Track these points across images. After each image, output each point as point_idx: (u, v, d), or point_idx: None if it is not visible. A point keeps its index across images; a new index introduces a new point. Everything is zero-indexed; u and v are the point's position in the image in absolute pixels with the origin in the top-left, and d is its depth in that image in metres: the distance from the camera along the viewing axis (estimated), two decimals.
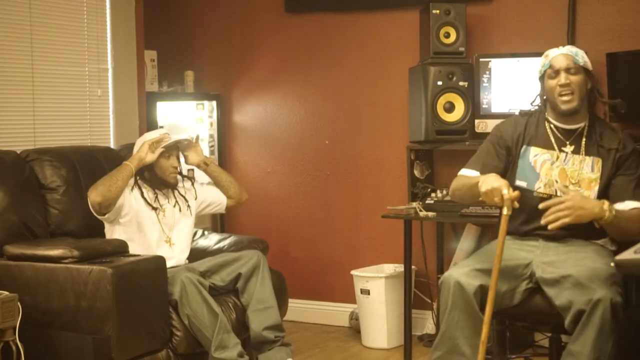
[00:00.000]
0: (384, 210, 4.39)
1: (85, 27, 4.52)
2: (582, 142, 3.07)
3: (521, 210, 2.95)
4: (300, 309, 5.03)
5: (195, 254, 3.99)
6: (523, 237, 3.10)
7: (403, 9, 4.73)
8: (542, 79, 3.14)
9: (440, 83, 4.24)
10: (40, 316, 3.38)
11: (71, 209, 3.87)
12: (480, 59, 4.30)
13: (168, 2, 5.47)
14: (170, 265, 3.68)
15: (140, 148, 3.81)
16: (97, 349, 3.27)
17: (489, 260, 2.89)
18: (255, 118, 5.29)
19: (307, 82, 5.10)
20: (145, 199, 3.79)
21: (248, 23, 5.26)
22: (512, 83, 4.25)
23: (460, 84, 4.24)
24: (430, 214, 4.13)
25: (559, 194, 3.02)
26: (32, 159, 3.87)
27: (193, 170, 5.14)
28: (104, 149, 4.32)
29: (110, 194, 3.63)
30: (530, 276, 2.97)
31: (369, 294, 4.51)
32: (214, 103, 5.30)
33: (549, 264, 2.93)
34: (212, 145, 5.32)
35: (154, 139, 3.83)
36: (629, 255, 2.50)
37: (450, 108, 4.27)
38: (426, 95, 4.25)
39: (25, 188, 3.76)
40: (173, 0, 5.48)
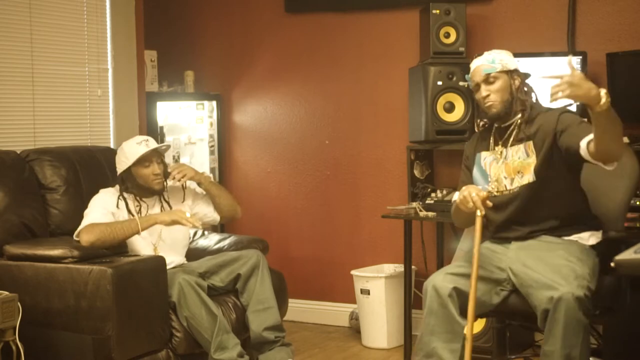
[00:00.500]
0: (384, 210, 4.39)
1: (85, 27, 4.52)
2: (513, 134, 3.15)
3: (488, 213, 3.10)
4: (300, 309, 5.03)
5: (195, 254, 3.99)
6: (496, 241, 3.20)
7: (403, 9, 4.73)
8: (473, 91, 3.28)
9: (440, 83, 4.24)
10: (40, 316, 3.38)
11: (71, 209, 3.87)
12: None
13: (168, 2, 5.47)
14: None
15: (161, 216, 3.63)
16: (97, 349, 3.27)
17: (465, 264, 3.05)
18: (255, 118, 5.29)
19: (307, 82, 5.10)
20: (129, 210, 3.76)
21: (248, 23, 5.26)
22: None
23: (460, 84, 4.24)
24: (430, 214, 4.14)
25: (509, 187, 3.11)
26: (32, 159, 3.87)
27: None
28: (104, 149, 4.32)
29: (107, 241, 3.52)
30: (507, 279, 3.05)
31: (369, 294, 4.51)
32: (214, 103, 5.30)
33: (521, 267, 2.98)
34: (212, 145, 5.32)
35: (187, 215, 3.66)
36: (629, 255, 2.50)
37: (450, 108, 4.27)
38: (426, 95, 4.25)
39: (25, 188, 3.76)
40: (173, 0, 5.48)
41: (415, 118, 4.37)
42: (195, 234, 4.22)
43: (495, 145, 3.21)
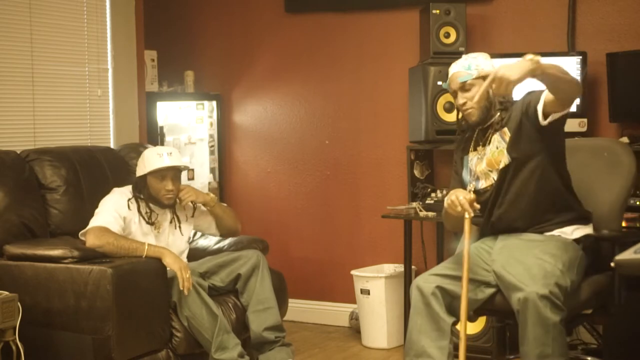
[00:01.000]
0: (384, 210, 4.39)
1: (85, 27, 4.52)
2: (492, 129, 3.15)
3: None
4: (300, 309, 5.03)
5: (195, 254, 3.98)
6: (485, 240, 3.23)
7: (403, 9, 4.73)
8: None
9: (440, 83, 4.23)
10: (40, 316, 3.38)
11: (71, 209, 3.87)
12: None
13: (168, 2, 5.47)
14: None
15: (168, 257, 3.52)
16: (97, 349, 3.27)
17: (451, 265, 3.12)
18: (255, 118, 5.29)
19: (307, 82, 5.10)
20: (141, 213, 3.76)
21: (248, 23, 5.26)
22: None
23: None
24: (430, 214, 4.14)
25: (495, 179, 3.12)
26: (32, 159, 3.87)
27: (193, 169, 5.14)
28: (104, 149, 4.32)
29: (108, 252, 3.49)
30: (493, 278, 3.07)
31: (369, 294, 4.51)
32: (214, 103, 5.30)
33: (500, 269, 2.99)
34: (212, 145, 5.32)
35: (187, 274, 3.53)
36: (628, 255, 2.50)
37: (450, 108, 4.26)
38: (426, 95, 4.25)
39: (25, 188, 3.76)
40: (173, 0, 5.48)
41: (415, 118, 4.37)
42: (195, 234, 4.22)
43: (477, 146, 3.21)
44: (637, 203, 3.74)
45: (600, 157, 3.28)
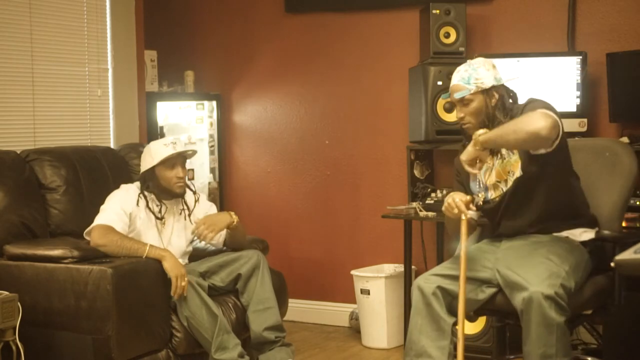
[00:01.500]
0: (384, 210, 4.39)
1: (85, 27, 4.52)
2: None
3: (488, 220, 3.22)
4: (300, 309, 5.03)
5: (195, 254, 3.97)
6: (489, 241, 3.25)
7: (403, 9, 4.73)
8: None
9: (440, 83, 4.24)
10: (40, 316, 3.38)
11: (71, 209, 3.86)
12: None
13: (168, 2, 5.47)
14: None
15: (169, 261, 3.50)
16: (97, 349, 3.27)
17: (451, 265, 3.11)
18: (255, 118, 5.29)
19: (307, 82, 5.10)
20: (150, 209, 3.77)
21: (248, 23, 5.26)
22: (512, 83, 4.23)
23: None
24: (430, 214, 4.14)
25: (504, 189, 3.13)
26: (32, 159, 3.87)
27: (193, 170, 5.14)
28: (104, 149, 4.32)
29: (109, 252, 3.49)
30: (494, 277, 3.06)
31: (369, 294, 4.51)
32: (214, 103, 5.30)
33: (505, 268, 2.99)
34: (212, 145, 5.32)
35: (183, 282, 3.51)
36: (629, 255, 2.50)
37: (450, 108, 4.26)
38: (426, 95, 4.25)
39: (25, 188, 3.76)
40: (173, 0, 5.48)
41: (415, 118, 4.37)
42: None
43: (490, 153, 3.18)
44: (637, 203, 3.74)
45: (601, 158, 3.28)
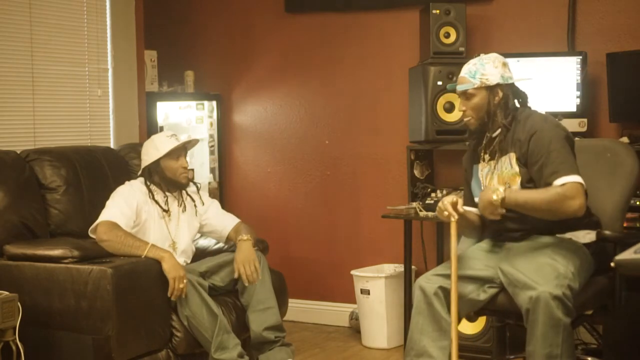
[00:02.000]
0: (384, 210, 4.39)
1: (85, 27, 4.52)
2: (499, 145, 3.13)
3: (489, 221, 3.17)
4: (300, 309, 5.03)
5: (195, 254, 3.98)
6: (491, 241, 3.25)
7: (403, 9, 4.73)
8: None
9: (440, 83, 4.24)
10: (40, 316, 3.37)
11: (71, 209, 3.86)
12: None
13: (168, 2, 5.47)
14: None
15: (168, 262, 3.49)
16: (97, 349, 3.27)
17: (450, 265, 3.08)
18: (255, 118, 5.29)
19: (307, 82, 5.10)
20: (156, 201, 3.78)
21: (248, 23, 5.26)
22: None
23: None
24: (430, 214, 4.14)
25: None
26: (32, 159, 3.87)
27: (193, 170, 5.14)
28: (104, 149, 4.32)
29: (111, 249, 3.51)
30: (496, 277, 3.06)
31: (369, 294, 4.51)
32: (214, 103, 5.30)
33: (509, 267, 2.99)
34: (212, 145, 5.32)
35: (181, 285, 3.50)
36: (629, 255, 2.50)
37: (450, 108, 4.27)
38: (426, 95, 4.25)
39: (25, 188, 3.76)
40: (173, 0, 5.48)
41: (415, 118, 4.37)
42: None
43: (485, 155, 3.19)
44: (637, 203, 3.74)
45: (603, 158, 3.28)
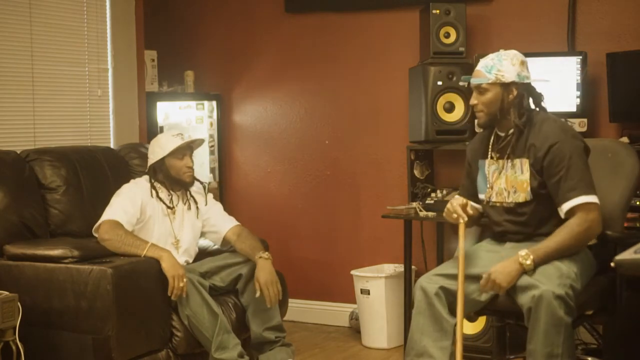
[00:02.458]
0: (384, 210, 4.39)
1: (85, 27, 4.52)
2: (511, 146, 3.11)
3: (490, 220, 3.20)
4: (300, 309, 5.03)
5: (197, 255, 3.98)
6: (493, 241, 3.26)
7: (403, 9, 4.73)
8: None
9: (440, 83, 4.24)
10: (40, 316, 3.37)
11: (71, 209, 3.86)
12: (480, 59, 4.29)
13: (168, 2, 5.47)
14: None
15: (167, 261, 3.49)
16: (97, 349, 3.27)
17: (453, 265, 3.08)
18: (255, 118, 5.29)
19: (307, 82, 5.10)
20: (161, 199, 3.79)
21: (248, 23, 5.26)
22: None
23: (460, 83, 4.24)
24: (430, 214, 4.14)
25: (507, 200, 3.12)
26: (32, 159, 3.87)
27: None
28: (104, 149, 4.32)
29: (111, 247, 3.52)
30: None
31: (369, 294, 4.51)
32: (214, 103, 5.30)
33: None
34: (212, 145, 5.32)
35: (181, 283, 3.49)
36: (629, 255, 2.50)
37: (450, 108, 4.27)
38: (426, 95, 4.26)
39: (25, 188, 3.76)
40: (173, 0, 5.48)
41: (415, 118, 4.38)
42: None
43: (493, 152, 3.18)
44: (638, 203, 3.74)
45: (604, 158, 3.28)
